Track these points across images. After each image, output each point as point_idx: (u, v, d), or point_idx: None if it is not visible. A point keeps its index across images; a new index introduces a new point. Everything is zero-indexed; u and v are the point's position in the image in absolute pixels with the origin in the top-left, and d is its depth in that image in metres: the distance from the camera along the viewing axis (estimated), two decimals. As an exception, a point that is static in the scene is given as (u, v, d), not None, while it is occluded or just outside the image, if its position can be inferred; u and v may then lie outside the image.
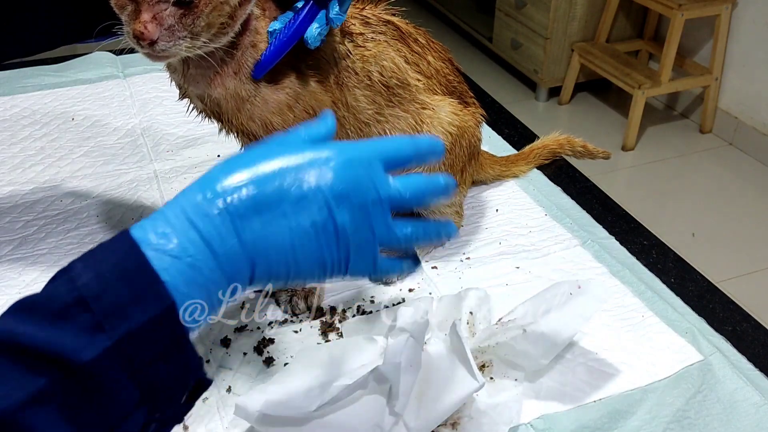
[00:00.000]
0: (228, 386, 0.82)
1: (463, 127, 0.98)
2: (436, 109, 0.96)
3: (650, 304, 0.95)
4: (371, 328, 0.88)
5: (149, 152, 1.26)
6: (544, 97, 3.43)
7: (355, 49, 0.89)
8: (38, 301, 0.47)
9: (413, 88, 0.94)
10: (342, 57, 0.88)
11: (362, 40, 0.90)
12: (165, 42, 0.73)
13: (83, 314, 0.46)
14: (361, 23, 0.91)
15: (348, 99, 0.90)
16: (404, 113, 0.94)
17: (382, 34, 0.92)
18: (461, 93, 1.01)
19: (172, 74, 0.87)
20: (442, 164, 0.97)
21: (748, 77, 2.98)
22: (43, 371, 0.45)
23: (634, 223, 1.13)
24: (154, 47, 0.73)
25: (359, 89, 0.90)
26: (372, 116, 0.92)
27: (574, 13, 3.22)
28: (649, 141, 3.12)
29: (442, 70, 0.98)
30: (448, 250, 1.05)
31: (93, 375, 0.46)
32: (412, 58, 0.94)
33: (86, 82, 1.46)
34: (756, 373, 0.86)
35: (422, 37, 0.97)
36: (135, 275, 0.48)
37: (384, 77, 0.91)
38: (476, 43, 3.81)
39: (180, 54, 0.76)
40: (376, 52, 0.91)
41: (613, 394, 0.82)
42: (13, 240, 1.03)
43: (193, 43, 0.74)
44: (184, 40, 0.73)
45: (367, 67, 0.90)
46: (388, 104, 0.93)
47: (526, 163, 1.22)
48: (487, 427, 0.76)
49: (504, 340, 0.80)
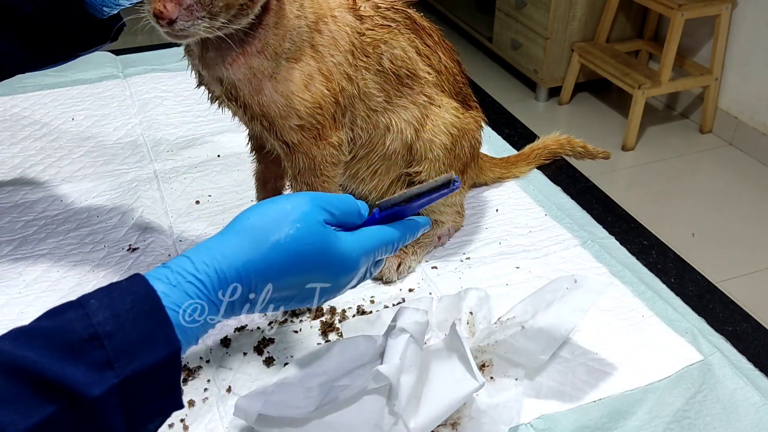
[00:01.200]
0: (228, 386, 0.82)
1: (464, 129, 0.98)
2: (441, 107, 0.96)
3: (650, 304, 0.95)
4: (371, 328, 0.88)
5: (149, 152, 1.26)
6: (544, 97, 3.43)
7: (366, 31, 0.89)
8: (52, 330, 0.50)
9: (422, 81, 0.94)
10: (353, 36, 0.88)
11: (372, 24, 0.90)
12: (183, 21, 0.73)
13: (97, 350, 0.49)
14: (372, 7, 0.91)
15: (359, 83, 0.90)
16: (412, 105, 0.94)
17: (394, 21, 0.92)
18: (465, 96, 1.01)
19: (191, 59, 0.87)
20: (442, 164, 0.97)
21: (748, 77, 2.98)
22: (53, 400, 0.47)
23: (634, 223, 1.13)
24: (173, 26, 0.73)
25: (369, 73, 0.90)
26: (381, 104, 0.92)
27: (574, 13, 3.22)
28: (649, 141, 3.12)
29: (451, 69, 0.98)
30: (448, 250, 1.05)
31: (97, 409, 0.48)
32: (424, 50, 0.94)
33: (86, 82, 1.46)
34: (756, 373, 0.86)
35: (435, 34, 0.97)
36: (149, 318, 0.51)
37: (395, 65, 0.91)
38: (476, 43, 3.81)
39: (199, 34, 0.75)
40: (388, 38, 0.91)
41: (613, 394, 0.82)
42: (13, 240, 1.03)
43: (212, 24, 0.74)
44: (203, 20, 0.73)
45: (378, 51, 0.90)
46: (397, 93, 0.93)
47: (526, 164, 1.22)
48: (487, 427, 0.76)
49: (503, 338, 0.80)
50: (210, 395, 0.81)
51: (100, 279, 0.97)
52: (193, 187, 1.17)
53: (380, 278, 0.99)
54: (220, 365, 0.85)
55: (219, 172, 1.21)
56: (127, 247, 1.03)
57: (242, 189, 1.17)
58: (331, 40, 0.86)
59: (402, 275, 0.99)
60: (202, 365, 0.85)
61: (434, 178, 0.96)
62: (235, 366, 0.85)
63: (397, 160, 0.97)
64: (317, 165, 0.89)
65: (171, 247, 1.03)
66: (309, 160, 0.89)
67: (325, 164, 0.90)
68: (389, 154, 0.96)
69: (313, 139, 0.88)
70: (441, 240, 1.06)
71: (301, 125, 0.86)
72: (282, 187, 1.06)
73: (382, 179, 0.99)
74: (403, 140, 0.95)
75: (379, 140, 0.95)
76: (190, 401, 0.80)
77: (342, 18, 0.88)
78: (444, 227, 1.06)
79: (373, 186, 0.99)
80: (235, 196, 1.16)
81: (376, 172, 0.98)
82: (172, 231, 1.07)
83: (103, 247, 1.03)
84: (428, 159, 0.96)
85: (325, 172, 0.90)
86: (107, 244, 1.03)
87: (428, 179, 0.97)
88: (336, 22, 0.87)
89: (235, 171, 1.21)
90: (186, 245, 1.04)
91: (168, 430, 0.77)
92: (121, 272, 0.98)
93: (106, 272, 0.98)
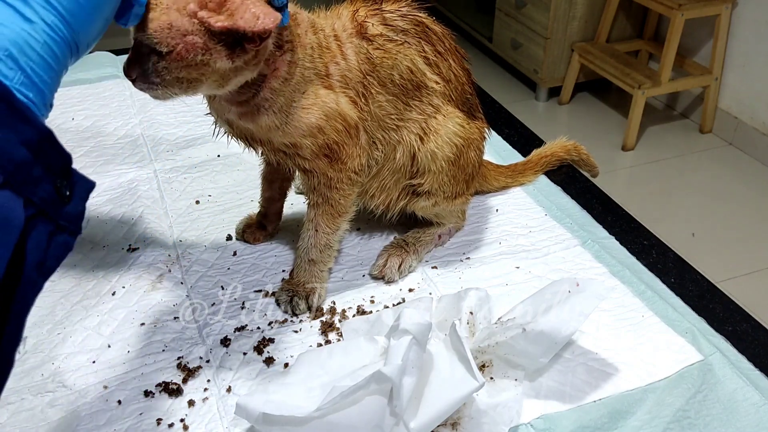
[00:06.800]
0: (228, 386, 0.82)
1: (468, 140, 0.97)
2: (446, 116, 0.95)
3: (650, 304, 0.95)
4: (371, 328, 0.88)
5: (149, 152, 1.26)
6: (544, 97, 3.43)
7: (375, 52, 0.88)
8: None
9: (430, 90, 0.93)
10: (363, 63, 0.87)
11: (382, 41, 0.89)
12: (140, 84, 0.73)
13: None
14: (380, 22, 0.90)
15: (373, 107, 0.89)
16: (419, 115, 0.93)
17: (404, 32, 0.91)
18: (472, 105, 1.00)
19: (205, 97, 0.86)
20: (446, 175, 0.97)
21: (748, 77, 2.98)
22: None
23: (634, 223, 1.13)
24: (135, 85, 0.74)
25: (381, 94, 0.89)
26: (394, 121, 0.91)
27: (574, 13, 3.22)
28: (649, 141, 3.12)
29: (459, 78, 0.96)
30: (448, 250, 1.05)
31: None
32: (433, 58, 0.93)
33: (86, 82, 1.46)
34: (756, 373, 0.86)
35: (447, 41, 0.95)
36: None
37: (404, 79, 0.90)
38: (476, 43, 3.81)
39: (159, 98, 0.75)
40: (396, 53, 0.89)
41: (613, 394, 0.82)
42: (13, 240, 1.03)
43: (166, 92, 0.74)
44: (158, 86, 0.73)
45: (388, 70, 0.89)
46: (407, 107, 0.92)
47: (533, 173, 1.21)
48: (487, 427, 0.76)
49: (504, 339, 0.80)
50: (210, 395, 0.81)
51: (100, 279, 0.97)
52: (193, 187, 1.17)
53: (381, 278, 0.99)
54: (220, 365, 0.85)
55: (219, 172, 1.21)
56: (127, 247, 1.03)
57: (242, 189, 1.17)
58: (341, 77, 0.85)
59: (402, 275, 0.99)
60: (202, 365, 0.85)
61: (437, 189, 0.97)
62: (235, 366, 0.85)
63: (404, 171, 0.97)
64: (333, 183, 0.89)
65: (171, 247, 1.03)
66: (326, 179, 0.89)
67: (341, 182, 0.89)
68: (398, 167, 0.96)
69: (329, 164, 0.88)
70: (441, 239, 1.06)
71: (316, 155, 0.86)
72: (287, 188, 1.06)
73: (390, 193, 0.99)
74: (409, 151, 0.94)
75: (391, 155, 0.94)
76: (190, 401, 0.80)
77: (351, 48, 0.86)
78: (445, 227, 1.06)
79: (381, 200, 0.99)
80: (235, 195, 1.16)
81: (385, 186, 0.98)
82: (172, 231, 1.07)
83: (103, 246, 1.03)
84: (431, 171, 0.95)
85: (341, 187, 0.90)
86: (107, 244, 1.03)
87: (431, 191, 0.97)
88: (345, 57, 0.86)
89: (235, 171, 1.21)
90: (186, 245, 1.04)
91: (168, 429, 0.77)
92: (121, 272, 0.98)
93: (106, 272, 0.98)
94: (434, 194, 0.98)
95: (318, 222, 0.92)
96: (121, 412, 0.79)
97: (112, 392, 0.81)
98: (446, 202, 1.00)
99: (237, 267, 1.01)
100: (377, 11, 0.90)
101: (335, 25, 0.87)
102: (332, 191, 0.90)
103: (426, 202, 0.99)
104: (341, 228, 0.94)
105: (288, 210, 1.09)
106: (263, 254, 1.04)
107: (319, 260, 0.94)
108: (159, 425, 0.77)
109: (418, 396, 0.73)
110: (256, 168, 1.05)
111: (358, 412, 0.71)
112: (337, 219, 0.92)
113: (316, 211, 0.92)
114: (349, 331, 0.90)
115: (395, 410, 0.70)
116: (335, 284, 0.98)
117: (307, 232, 0.94)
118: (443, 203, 1.00)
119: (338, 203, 0.91)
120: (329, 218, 0.92)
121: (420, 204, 0.99)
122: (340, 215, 0.93)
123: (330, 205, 0.91)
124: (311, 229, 0.93)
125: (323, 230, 0.93)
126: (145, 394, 0.81)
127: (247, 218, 1.07)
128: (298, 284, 0.94)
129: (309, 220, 0.93)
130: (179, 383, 0.82)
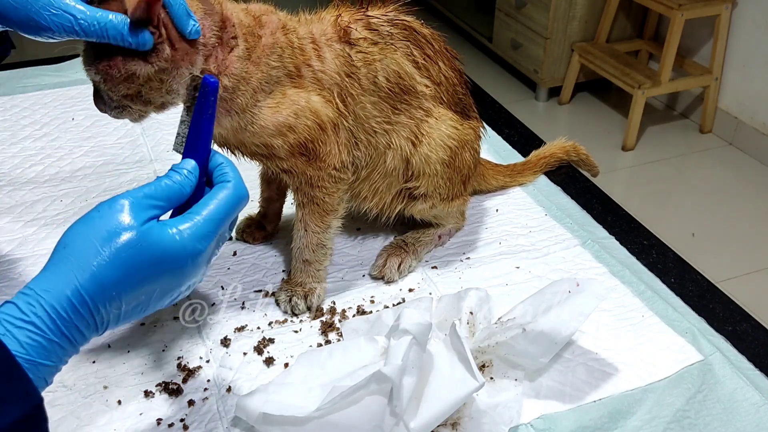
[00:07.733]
0: (228, 386, 0.82)
1: (463, 141, 0.97)
2: (438, 119, 0.95)
3: (650, 304, 0.95)
4: (371, 328, 0.88)
5: (149, 152, 1.26)
6: (544, 97, 3.43)
7: (357, 55, 0.88)
8: None
9: (420, 94, 0.93)
10: (344, 66, 0.87)
11: (366, 45, 0.89)
12: (109, 113, 0.79)
13: None
14: (364, 27, 0.90)
15: (355, 109, 0.89)
16: (409, 120, 0.93)
17: (390, 36, 0.91)
18: (465, 106, 1.00)
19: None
20: (441, 178, 0.97)
21: (748, 77, 2.98)
22: None
23: (634, 223, 1.13)
24: (110, 115, 0.79)
25: (365, 96, 0.89)
26: (380, 124, 0.91)
27: (574, 13, 3.21)
28: (649, 141, 3.12)
29: (451, 80, 0.96)
30: (448, 250, 1.05)
31: None
32: (422, 62, 0.93)
33: (86, 82, 1.45)
34: (756, 373, 0.86)
35: (437, 43, 0.95)
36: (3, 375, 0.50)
37: (390, 83, 0.90)
38: (476, 43, 3.81)
39: (135, 120, 0.80)
40: (382, 56, 0.89)
41: (613, 394, 0.82)
42: (13, 240, 1.03)
43: (131, 112, 0.78)
44: (122, 110, 0.78)
45: (372, 73, 0.89)
46: (395, 111, 0.92)
47: (533, 173, 1.21)
48: (487, 427, 0.76)
49: (504, 339, 0.80)
50: (210, 395, 0.81)
51: (100, 279, 0.97)
52: (193, 187, 1.17)
53: (381, 278, 0.99)
54: (220, 365, 0.85)
55: (219, 172, 1.21)
56: (127, 247, 1.03)
57: (242, 189, 1.17)
58: (314, 79, 0.86)
59: (402, 275, 0.99)
60: (202, 365, 0.85)
61: (433, 191, 0.97)
62: (235, 366, 0.85)
63: (397, 175, 0.96)
64: (314, 182, 0.89)
65: (171, 247, 1.03)
66: (306, 178, 0.89)
67: (323, 180, 0.89)
68: (390, 171, 0.96)
69: (307, 163, 0.88)
70: (441, 239, 1.06)
71: (291, 153, 0.87)
72: (287, 186, 1.06)
73: (383, 196, 0.98)
74: (402, 156, 0.94)
75: (380, 159, 0.94)
76: (190, 401, 0.80)
77: (330, 52, 0.87)
78: (445, 228, 1.06)
79: (374, 203, 0.99)
80: (235, 196, 1.15)
81: (377, 190, 0.97)
82: (172, 231, 1.07)
83: (103, 247, 1.03)
84: (426, 174, 0.95)
85: (323, 185, 0.90)
86: (107, 244, 1.03)
87: (427, 193, 0.97)
88: (322, 60, 0.86)
89: (235, 171, 1.21)
90: (186, 245, 1.04)
91: (168, 429, 0.77)
92: (121, 272, 0.98)
93: (106, 272, 0.98)
94: (431, 197, 0.98)
95: (306, 222, 0.93)
96: (121, 412, 0.79)
97: (112, 392, 0.81)
98: (443, 204, 1.00)
99: (237, 267, 1.01)
100: (362, 17, 0.91)
101: (313, 28, 0.88)
102: (315, 190, 0.90)
103: (423, 204, 0.99)
104: (332, 226, 0.94)
105: (288, 210, 1.09)
106: (263, 254, 1.04)
107: (314, 260, 0.94)
108: (159, 425, 0.77)
109: (418, 396, 0.73)
110: (255, 168, 1.05)
111: (358, 412, 0.71)
112: (325, 217, 0.93)
113: (304, 210, 0.92)
114: (349, 331, 0.90)
115: (395, 410, 0.70)
116: (335, 284, 0.98)
117: (298, 232, 0.94)
118: (440, 205, 1.00)
119: (324, 201, 0.91)
120: (317, 217, 0.92)
121: (417, 207, 1.00)
122: (328, 213, 0.93)
123: (316, 204, 0.91)
124: (301, 230, 0.93)
125: (312, 229, 0.93)
126: (145, 394, 0.81)
127: (246, 218, 1.07)
128: (297, 285, 0.94)
129: (298, 221, 0.93)
130: (179, 383, 0.82)
